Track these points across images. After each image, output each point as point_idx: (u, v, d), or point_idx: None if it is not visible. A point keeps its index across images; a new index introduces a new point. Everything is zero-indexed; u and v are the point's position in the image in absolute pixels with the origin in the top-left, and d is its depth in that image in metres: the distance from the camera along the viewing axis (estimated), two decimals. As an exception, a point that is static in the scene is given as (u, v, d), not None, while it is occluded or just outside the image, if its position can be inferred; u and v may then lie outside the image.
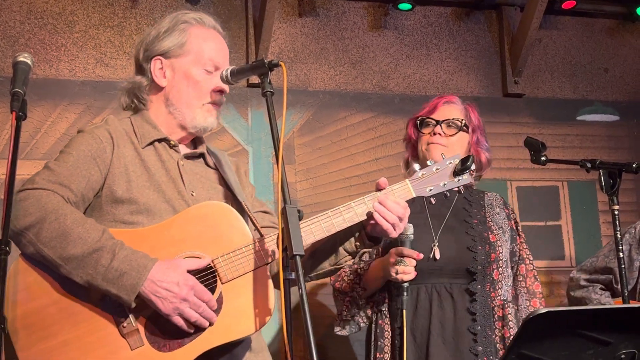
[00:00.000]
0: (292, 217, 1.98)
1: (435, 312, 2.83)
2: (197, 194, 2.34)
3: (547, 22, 4.85)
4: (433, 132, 3.00)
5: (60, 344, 2.13)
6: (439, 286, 2.87)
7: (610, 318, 1.92)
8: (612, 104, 4.92)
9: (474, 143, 3.04)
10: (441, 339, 2.80)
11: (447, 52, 4.70)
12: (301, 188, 4.28)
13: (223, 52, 2.48)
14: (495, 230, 2.95)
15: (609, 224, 4.54)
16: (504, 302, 2.87)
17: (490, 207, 3.04)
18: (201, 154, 2.48)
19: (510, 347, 1.88)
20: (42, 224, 2.12)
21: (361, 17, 4.58)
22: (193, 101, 2.40)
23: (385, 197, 2.30)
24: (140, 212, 2.25)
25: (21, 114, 1.98)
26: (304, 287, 1.90)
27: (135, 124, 2.40)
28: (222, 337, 2.15)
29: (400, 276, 2.69)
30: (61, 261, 2.11)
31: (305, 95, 4.38)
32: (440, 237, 2.92)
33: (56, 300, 2.16)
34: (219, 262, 2.19)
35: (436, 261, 2.86)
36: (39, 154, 3.88)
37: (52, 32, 4.05)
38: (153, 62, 2.43)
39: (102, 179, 2.28)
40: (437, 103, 3.07)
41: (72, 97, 4.01)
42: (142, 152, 2.35)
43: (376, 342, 2.89)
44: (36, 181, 2.20)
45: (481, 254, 2.87)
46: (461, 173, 2.38)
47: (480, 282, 2.85)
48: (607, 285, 3.61)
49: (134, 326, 2.15)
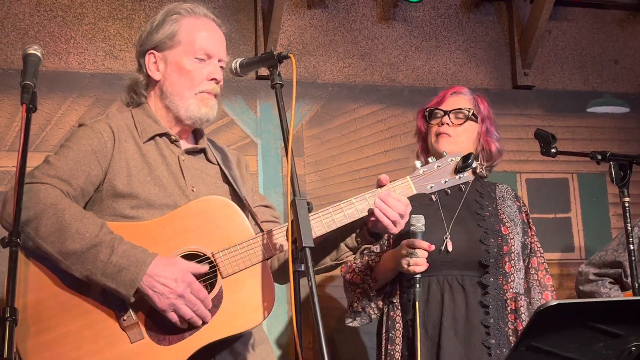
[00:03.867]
0: (301, 209, 1.98)
1: (447, 305, 2.82)
2: (197, 190, 2.33)
3: (557, 14, 4.82)
4: (441, 122, 2.99)
5: (59, 336, 2.13)
6: (451, 278, 2.86)
7: (621, 310, 1.91)
8: (622, 95, 4.89)
9: (483, 133, 3.03)
10: (453, 331, 2.79)
11: (456, 43, 4.68)
12: (310, 180, 4.28)
13: (215, 39, 2.45)
14: (507, 223, 2.94)
15: (619, 217, 4.53)
16: (516, 294, 2.86)
17: (501, 199, 3.03)
18: (202, 149, 2.47)
19: (520, 339, 1.88)
20: (40, 219, 2.11)
21: (370, 8, 4.57)
22: (185, 91, 2.38)
23: (386, 194, 2.29)
24: (140, 207, 2.24)
25: (31, 107, 1.99)
26: (313, 279, 1.90)
27: (136, 118, 2.39)
28: (221, 331, 2.15)
29: (412, 268, 2.69)
30: (60, 256, 2.10)
31: (314, 87, 4.37)
32: (452, 229, 2.91)
33: (56, 293, 2.16)
34: (219, 257, 2.19)
35: (448, 253, 2.85)
36: (49, 146, 3.89)
37: (61, 24, 4.06)
38: (147, 57, 2.44)
39: (103, 174, 2.27)
40: (445, 94, 3.07)
41: (82, 89, 4.02)
42: (143, 147, 2.34)
43: (387, 334, 2.89)
44: (35, 175, 2.19)
45: (493, 247, 2.86)
46: (462, 170, 2.38)
47: (492, 275, 2.84)
48: (616, 279, 3.59)
49: (134, 319, 2.14)
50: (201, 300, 2.13)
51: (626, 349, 1.92)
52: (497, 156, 3.07)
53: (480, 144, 3.03)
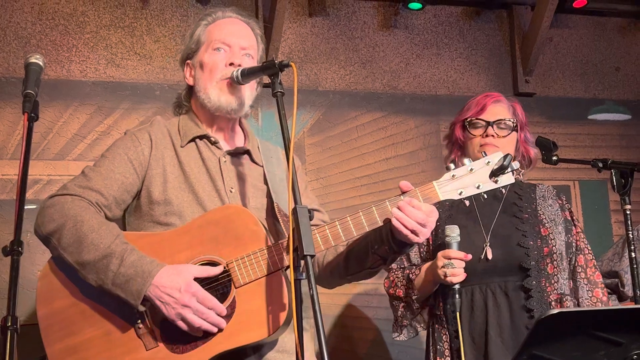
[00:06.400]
0: (302, 217, 1.98)
1: (492, 312, 2.79)
2: (235, 191, 2.36)
3: (558, 21, 4.83)
4: (485, 133, 2.93)
5: (81, 342, 2.20)
6: (493, 285, 2.82)
7: (622, 319, 1.91)
8: (623, 102, 4.90)
9: (522, 141, 3.00)
10: (500, 338, 2.76)
11: (457, 51, 4.69)
12: (311, 188, 4.27)
13: (234, 30, 2.50)
14: (547, 223, 2.89)
15: (621, 224, 4.52)
16: (561, 295, 2.82)
17: (542, 199, 2.99)
18: (246, 151, 2.48)
19: (522, 348, 1.88)
20: (63, 230, 2.20)
21: (371, 16, 4.58)
22: (207, 83, 2.44)
23: (405, 203, 2.19)
24: (173, 213, 2.29)
25: (33, 115, 2.00)
26: (314, 287, 1.89)
27: (181, 123, 2.47)
28: (234, 341, 2.15)
29: (450, 279, 2.67)
30: (78, 266, 2.19)
31: (315, 95, 4.38)
32: (491, 235, 2.87)
33: (77, 301, 2.25)
34: (233, 266, 2.19)
35: (488, 261, 2.82)
36: (51, 155, 3.89)
37: (63, 33, 4.07)
38: (185, 68, 2.53)
39: (140, 181, 2.34)
40: (486, 103, 2.98)
41: (84, 97, 4.02)
42: (182, 152, 2.39)
43: (435, 346, 2.87)
44: (67, 187, 2.29)
45: (533, 249, 2.82)
46: (499, 174, 2.20)
47: (534, 278, 2.80)
48: (612, 289, 3.59)
49: (149, 327, 2.18)
50: (211, 309, 2.13)
51: (628, 357, 1.91)
52: (535, 162, 3.05)
53: (520, 152, 3.01)
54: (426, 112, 4.52)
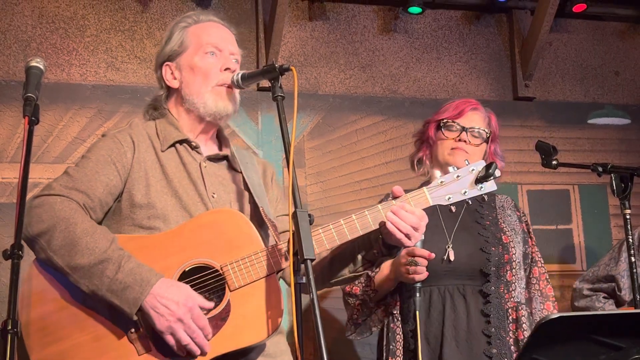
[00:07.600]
0: (302, 221, 1.98)
1: (449, 315, 2.81)
2: (217, 196, 2.34)
3: (558, 25, 4.84)
4: (459, 138, 2.95)
5: (69, 347, 2.14)
6: (452, 288, 2.84)
7: (623, 323, 1.91)
8: (623, 107, 4.90)
9: (491, 152, 3.03)
10: (455, 341, 2.78)
11: (457, 55, 4.69)
12: (311, 192, 4.28)
13: (222, 35, 2.49)
14: (507, 232, 2.93)
15: (620, 228, 4.52)
16: (517, 304, 2.84)
17: (501, 209, 3.03)
18: (225, 157, 2.47)
19: (522, 351, 1.88)
20: (53, 232, 2.14)
21: (371, 20, 4.58)
22: (201, 88, 2.40)
23: (399, 207, 2.25)
24: (157, 217, 2.26)
25: (33, 119, 2.00)
26: (314, 291, 1.90)
27: (159, 127, 2.42)
28: (227, 345, 2.15)
29: (412, 276, 2.67)
30: (69, 270, 2.12)
31: (315, 98, 4.38)
32: (454, 238, 2.90)
33: (66, 305, 2.18)
34: (227, 270, 2.19)
35: (450, 263, 2.84)
36: (51, 158, 3.90)
37: (63, 36, 4.07)
38: (163, 69, 2.48)
39: (122, 184, 2.29)
40: (464, 108, 3.00)
41: (84, 101, 4.03)
42: (163, 156, 2.35)
43: (388, 346, 2.87)
44: (53, 187, 2.23)
45: (495, 255, 2.85)
46: (484, 180, 2.30)
47: (494, 284, 2.83)
48: (609, 293, 3.61)
49: (142, 332, 2.15)
50: (201, 328, 2.11)
51: (628, 362, 1.92)
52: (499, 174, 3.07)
53: None
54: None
